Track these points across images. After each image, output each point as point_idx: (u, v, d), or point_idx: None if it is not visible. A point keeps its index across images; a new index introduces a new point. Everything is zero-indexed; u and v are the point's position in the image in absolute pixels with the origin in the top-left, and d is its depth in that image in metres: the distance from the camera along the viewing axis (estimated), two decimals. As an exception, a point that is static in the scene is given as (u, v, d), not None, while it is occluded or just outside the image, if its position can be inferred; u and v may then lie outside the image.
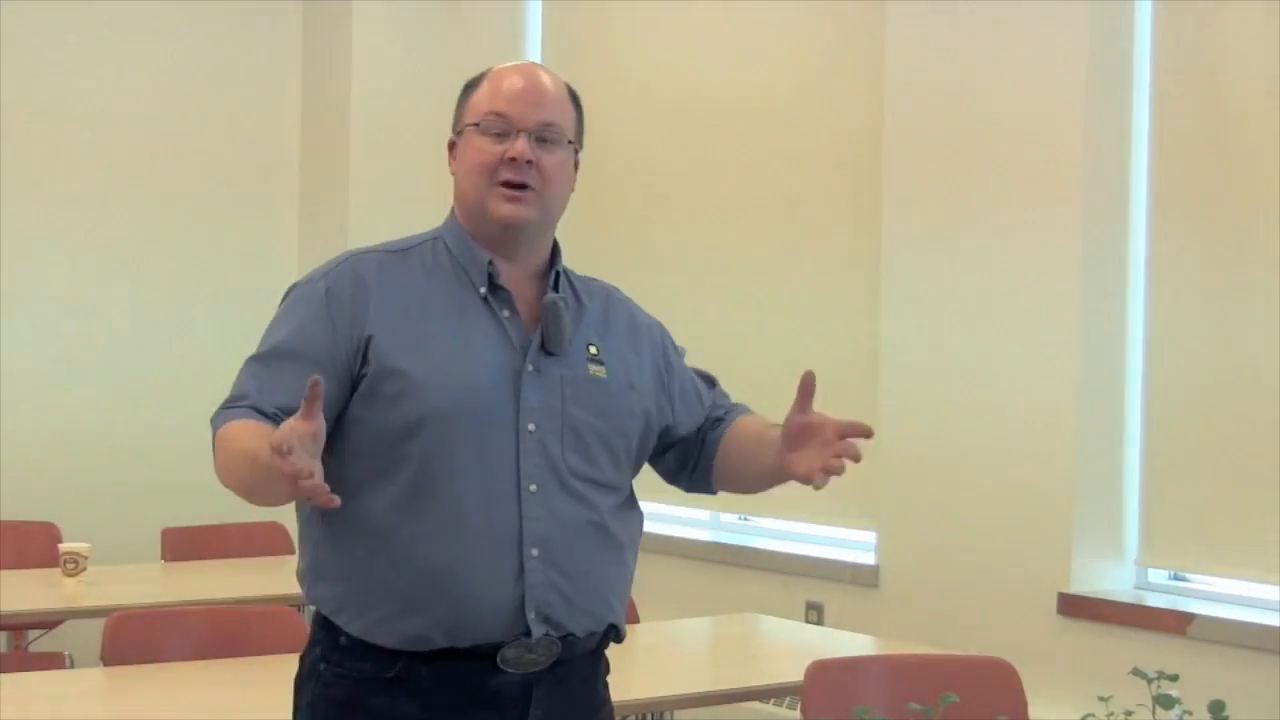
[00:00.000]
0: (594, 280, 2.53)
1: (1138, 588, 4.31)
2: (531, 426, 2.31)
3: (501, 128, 2.34)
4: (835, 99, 5.10)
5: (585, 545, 2.33)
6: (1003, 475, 4.40)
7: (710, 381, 2.60)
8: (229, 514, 3.84)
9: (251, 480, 2.17)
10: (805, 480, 2.29)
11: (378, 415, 2.26)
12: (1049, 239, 4.30)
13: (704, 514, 5.50)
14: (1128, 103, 4.30)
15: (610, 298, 2.52)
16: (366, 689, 2.29)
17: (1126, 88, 4.30)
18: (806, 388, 2.29)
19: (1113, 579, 4.29)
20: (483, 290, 2.36)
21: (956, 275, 4.53)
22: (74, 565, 4.54)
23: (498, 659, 2.28)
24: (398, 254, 2.39)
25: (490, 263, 2.36)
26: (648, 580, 5.13)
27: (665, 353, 2.53)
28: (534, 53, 6.21)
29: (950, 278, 4.55)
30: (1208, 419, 4.14)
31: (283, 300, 2.40)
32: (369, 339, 2.29)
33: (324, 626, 2.34)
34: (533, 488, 2.30)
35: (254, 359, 2.33)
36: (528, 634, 2.27)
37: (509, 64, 2.44)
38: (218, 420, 2.26)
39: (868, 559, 4.83)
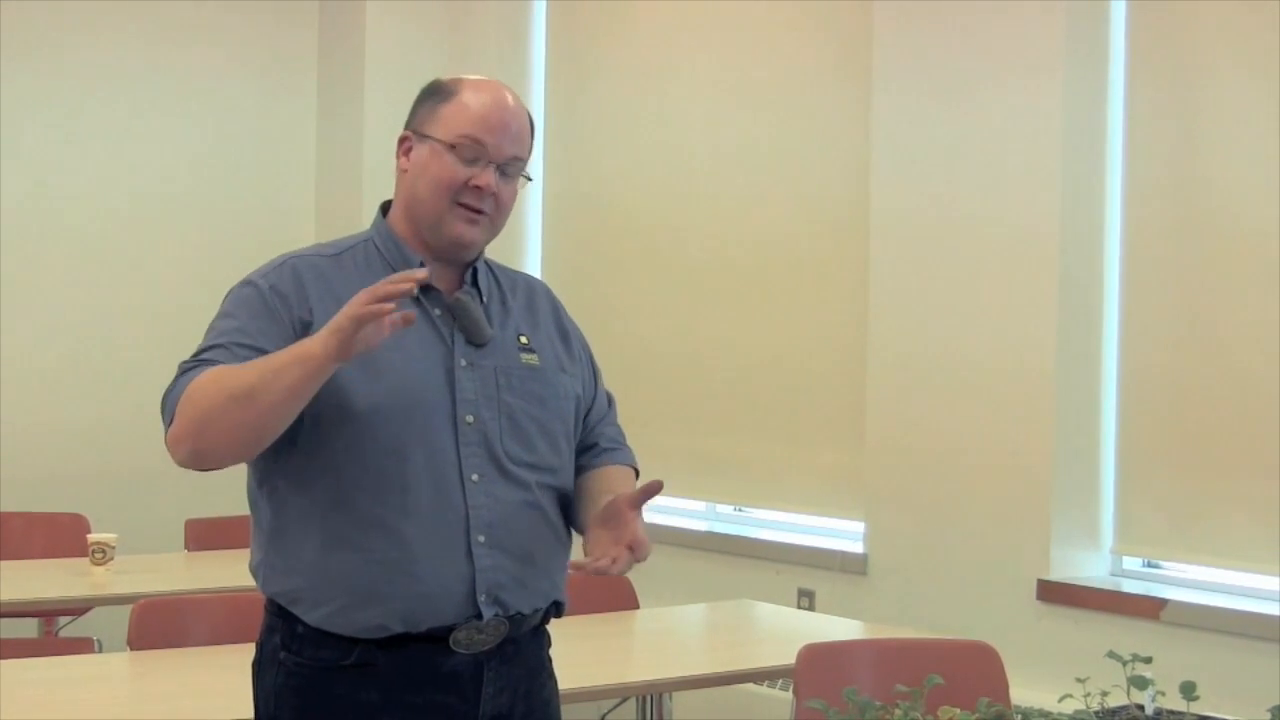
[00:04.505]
0: (519, 273, 2.51)
1: (1113, 574, 4.29)
2: (469, 419, 2.29)
3: (475, 154, 2.30)
4: (825, 79, 5.04)
5: (528, 527, 2.32)
6: (985, 470, 4.38)
7: (608, 401, 2.58)
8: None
9: (276, 385, 2.09)
10: (591, 565, 2.25)
11: (324, 413, 2.20)
12: (1026, 247, 4.28)
13: (700, 505, 5.48)
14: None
15: (534, 290, 2.49)
16: (327, 677, 2.27)
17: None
18: (651, 491, 2.25)
19: (1089, 566, 4.28)
20: (415, 292, 2.30)
21: (941, 284, 4.50)
22: (102, 555, 4.53)
23: (450, 641, 2.27)
24: (331, 257, 2.35)
25: (422, 264, 2.31)
26: (647, 568, 5.11)
27: (593, 365, 2.53)
28: (538, 54, 6.12)
29: (935, 287, 4.52)
30: (1178, 418, 4.12)
31: (224, 302, 2.32)
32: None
33: (280, 615, 2.32)
34: (475, 477, 2.28)
35: (205, 350, 2.24)
36: (479, 616, 2.27)
37: (481, 80, 2.38)
38: (181, 382, 2.18)
39: (857, 548, 4.80)
